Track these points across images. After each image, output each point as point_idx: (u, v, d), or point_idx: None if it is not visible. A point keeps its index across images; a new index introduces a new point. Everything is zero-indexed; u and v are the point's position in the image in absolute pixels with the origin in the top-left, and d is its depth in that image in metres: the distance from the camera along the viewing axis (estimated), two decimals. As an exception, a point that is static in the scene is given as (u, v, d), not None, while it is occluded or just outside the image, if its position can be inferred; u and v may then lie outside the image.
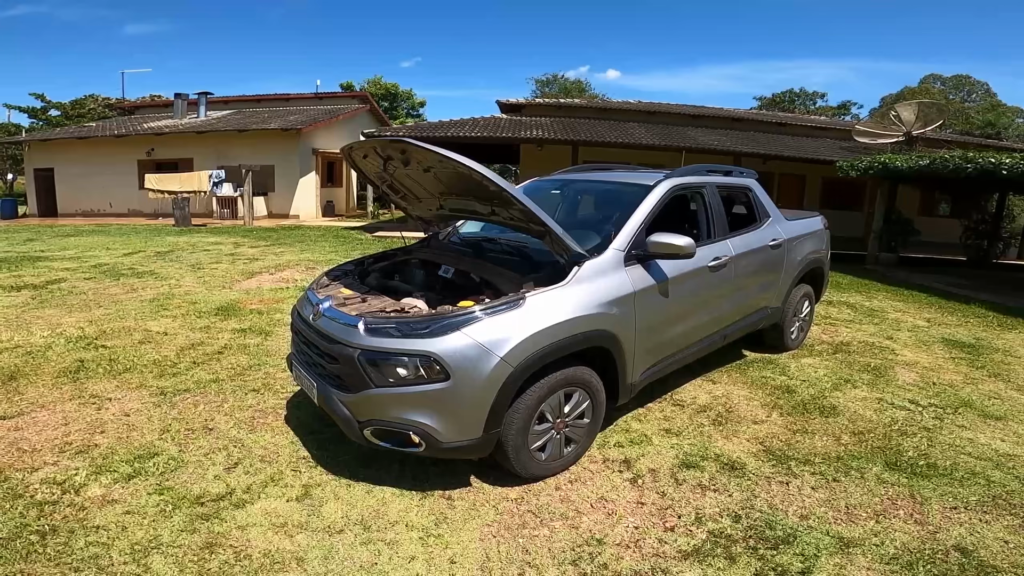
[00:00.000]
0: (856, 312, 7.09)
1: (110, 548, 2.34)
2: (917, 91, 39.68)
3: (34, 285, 7.21)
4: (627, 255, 3.24)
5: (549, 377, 2.80)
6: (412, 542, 2.45)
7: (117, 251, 10.56)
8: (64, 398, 3.76)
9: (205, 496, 2.72)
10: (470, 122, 17.34)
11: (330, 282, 3.56)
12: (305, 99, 23.78)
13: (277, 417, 3.58)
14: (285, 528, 2.51)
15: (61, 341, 4.89)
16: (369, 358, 2.60)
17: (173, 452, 3.11)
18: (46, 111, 31.50)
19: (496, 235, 3.86)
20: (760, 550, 2.43)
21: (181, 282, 7.64)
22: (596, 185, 4.45)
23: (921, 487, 2.97)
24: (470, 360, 2.54)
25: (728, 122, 19.88)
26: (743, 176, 4.79)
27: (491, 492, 2.85)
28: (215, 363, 4.46)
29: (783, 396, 4.14)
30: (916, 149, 15.05)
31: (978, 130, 34.65)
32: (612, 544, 2.47)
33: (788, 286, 4.89)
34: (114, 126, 21.34)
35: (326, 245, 12.02)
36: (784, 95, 48.97)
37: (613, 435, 3.45)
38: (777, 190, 17.03)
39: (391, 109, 40.56)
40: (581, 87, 46.86)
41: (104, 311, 5.97)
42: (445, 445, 2.61)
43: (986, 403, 4.20)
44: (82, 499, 2.67)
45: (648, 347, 3.36)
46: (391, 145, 3.01)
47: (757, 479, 3.01)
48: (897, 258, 12.49)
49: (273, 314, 5.96)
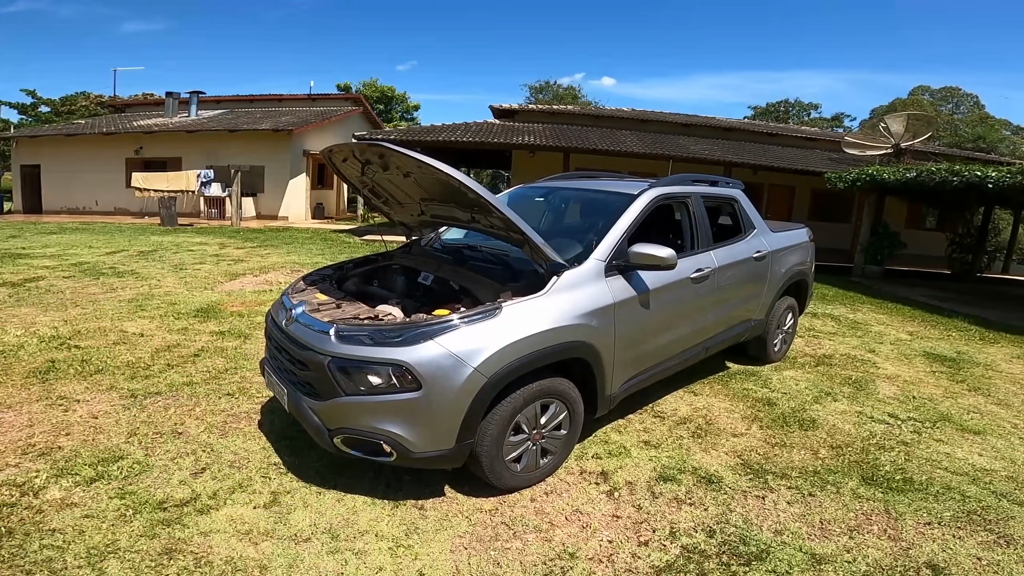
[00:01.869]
0: (840, 324, 7.12)
1: (65, 552, 2.28)
2: (907, 103, 40.10)
3: (12, 283, 7.08)
4: (608, 265, 3.22)
5: (525, 388, 2.76)
6: (381, 552, 2.40)
7: (100, 250, 10.42)
8: (31, 399, 3.68)
9: (168, 501, 2.65)
10: (462, 127, 17.30)
11: (306, 287, 3.50)
12: (298, 100, 23.71)
13: (250, 422, 3.52)
14: (250, 535, 2.45)
15: (34, 341, 4.80)
16: (340, 366, 2.56)
17: (139, 456, 3.04)
18: (36, 107, 31.25)
19: (478, 243, 3.83)
20: (732, 567, 2.40)
21: (162, 282, 7.54)
22: (581, 193, 4.43)
23: (896, 502, 2.96)
24: (443, 370, 2.50)
25: (719, 131, 19.99)
26: (729, 187, 4.79)
27: (465, 502, 2.80)
28: (190, 366, 4.39)
29: (764, 409, 4.12)
30: (904, 161, 15.19)
31: (968, 143, 35.01)
32: (585, 558, 2.43)
33: (772, 298, 4.88)
34: (102, 124, 21.14)
35: (313, 248, 11.92)
36: (778, 105, 49.36)
37: (591, 446, 3.41)
38: (766, 201, 17.13)
39: (386, 112, 40.53)
40: (574, 94, 46.99)
41: (80, 311, 5.87)
42: (417, 455, 2.57)
43: (965, 417, 4.21)
44: (40, 502, 2.60)
45: (628, 359, 3.33)
46: (369, 149, 2.97)
47: (733, 493, 2.98)
48: (883, 271, 12.57)
49: (254, 317, 5.88)
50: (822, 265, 6.14)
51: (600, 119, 20.21)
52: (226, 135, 18.75)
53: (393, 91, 42.92)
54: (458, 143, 15.23)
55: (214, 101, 23.50)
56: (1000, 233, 18.83)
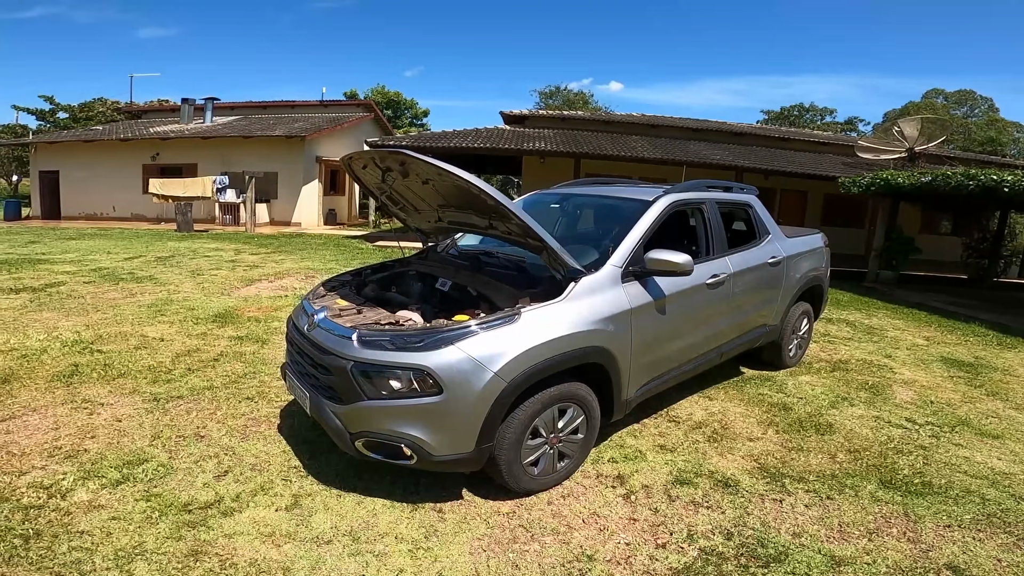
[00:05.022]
0: (855, 330, 7.08)
1: (93, 554, 2.33)
2: (921, 106, 39.81)
3: (33, 288, 7.22)
4: (624, 271, 3.24)
5: (543, 392, 2.79)
6: (401, 554, 2.43)
7: (118, 255, 10.59)
8: (56, 402, 3.76)
9: (193, 504, 2.70)
10: (473, 133, 17.40)
11: (326, 292, 3.56)
12: (310, 106, 23.93)
13: (270, 426, 3.57)
14: (273, 537, 2.49)
15: (57, 345, 4.89)
16: (362, 370, 2.60)
17: (163, 459, 3.10)
18: (54, 113, 31.66)
19: (494, 249, 3.86)
20: (751, 568, 2.41)
21: (180, 288, 7.65)
22: (595, 200, 4.46)
23: (915, 505, 2.95)
24: (463, 374, 2.53)
25: (730, 136, 19.95)
26: (743, 192, 4.80)
27: (483, 506, 2.83)
28: (210, 370, 4.46)
29: (779, 413, 4.12)
30: (919, 165, 15.06)
31: (979, 146, 34.69)
32: (603, 560, 2.45)
33: (787, 304, 4.88)
34: (120, 130, 21.46)
35: (327, 254, 12.03)
36: (792, 109, 49.14)
37: (607, 450, 3.43)
38: (779, 206, 17.05)
39: (395, 118, 40.79)
40: (584, 99, 47.11)
41: (102, 315, 5.98)
42: (437, 458, 2.60)
43: (983, 422, 4.18)
44: (68, 504, 2.66)
45: (644, 364, 3.35)
46: (390, 156, 3.02)
47: (751, 496, 2.99)
48: (897, 276, 12.47)
49: (270, 322, 5.96)
50: (835, 271, 6.11)
51: (610, 124, 20.23)
52: (240, 141, 18.99)
53: (401, 97, 43.19)
54: (469, 149, 15.31)
55: (228, 107, 23.78)
56: (1016, 238, 18.59)
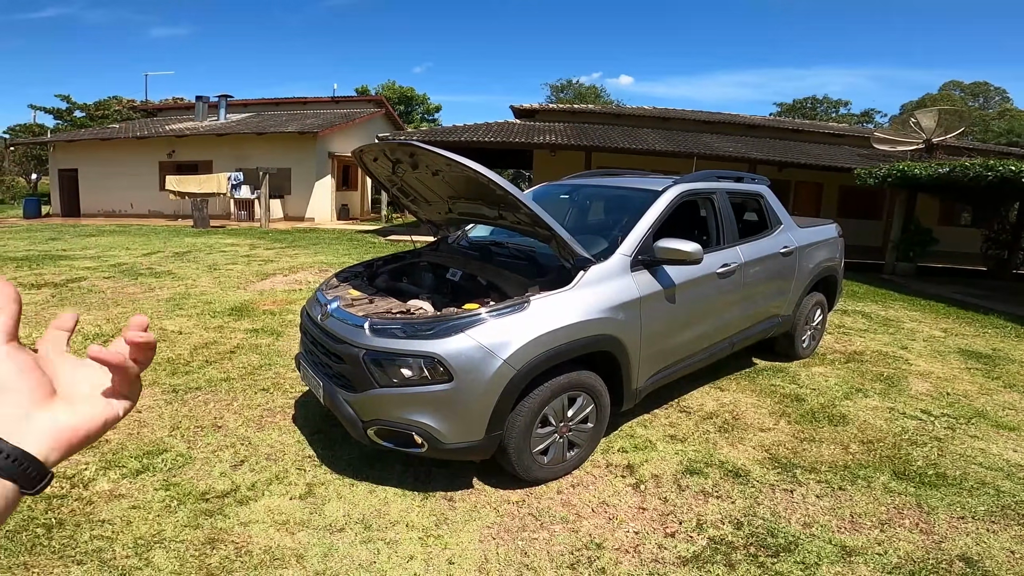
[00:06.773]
0: (871, 321, 7.01)
1: (114, 542, 2.39)
2: (938, 98, 39.20)
3: (55, 283, 7.36)
4: (634, 260, 3.24)
5: (553, 381, 2.81)
6: (412, 542, 2.47)
7: (137, 251, 10.75)
8: (79, 394, 3.83)
9: (210, 492, 2.76)
10: (483, 127, 17.40)
11: (339, 283, 3.60)
12: (322, 103, 24.04)
13: (285, 416, 3.63)
14: (287, 525, 2.54)
15: (78, 339, 4.99)
16: (374, 358, 2.63)
17: (182, 449, 3.16)
18: (71, 112, 32.14)
19: (504, 239, 3.89)
20: (760, 558, 2.42)
21: (197, 282, 7.76)
22: (605, 190, 4.46)
23: (929, 497, 2.93)
24: (473, 362, 2.55)
25: (743, 128, 19.74)
26: (755, 183, 4.77)
27: (492, 494, 2.86)
28: (227, 362, 4.53)
29: (792, 404, 4.10)
30: (936, 157, 14.81)
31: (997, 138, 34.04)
32: (611, 549, 2.47)
33: (799, 294, 4.85)
34: (136, 128, 21.74)
35: (340, 248, 12.13)
36: (805, 101, 48.50)
37: (617, 440, 3.44)
38: (793, 198, 16.85)
39: (406, 114, 40.85)
40: (596, 93, 46.90)
41: (122, 310, 6.09)
42: (447, 446, 2.63)
43: (1000, 414, 4.13)
44: (90, 493, 2.72)
45: (653, 353, 3.35)
46: (400, 148, 3.05)
47: (761, 486, 2.99)
48: (915, 268, 12.29)
49: (285, 315, 6.03)
50: (852, 263, 6.05)
51: (621, 118, 20.12)
52: (254, 138, 19.14)
53: (412, 92, 43.19)
54: (480, 143, 15.32)
55: (241, 104, 23.96)
56: (1037, 228, 18.20)
